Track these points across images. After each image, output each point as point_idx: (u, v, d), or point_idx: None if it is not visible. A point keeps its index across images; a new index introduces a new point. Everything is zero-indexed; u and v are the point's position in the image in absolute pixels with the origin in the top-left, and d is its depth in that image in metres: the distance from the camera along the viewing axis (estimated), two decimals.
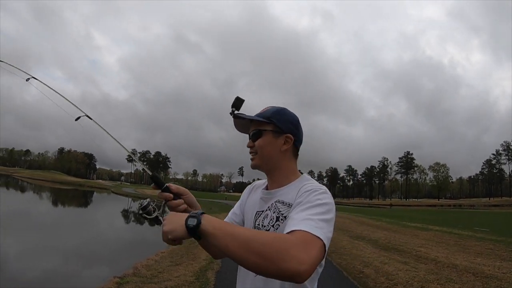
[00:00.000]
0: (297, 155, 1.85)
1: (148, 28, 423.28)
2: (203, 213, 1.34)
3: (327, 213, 1.45)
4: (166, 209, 1.69)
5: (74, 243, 18.38)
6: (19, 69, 2.15)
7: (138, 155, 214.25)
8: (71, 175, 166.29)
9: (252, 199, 1.92)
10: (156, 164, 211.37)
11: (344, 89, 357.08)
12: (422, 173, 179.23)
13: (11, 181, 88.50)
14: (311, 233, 1.30)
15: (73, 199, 59.75)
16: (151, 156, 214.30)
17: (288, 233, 1.32)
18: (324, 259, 1.48)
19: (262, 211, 1.76)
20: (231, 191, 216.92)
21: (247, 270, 1.34)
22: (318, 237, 1.31)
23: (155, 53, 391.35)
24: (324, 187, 1.59)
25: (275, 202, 1.72)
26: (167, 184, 1.72)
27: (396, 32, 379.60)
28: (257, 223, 1.75)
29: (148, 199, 1.64)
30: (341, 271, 9.92)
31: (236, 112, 1.78)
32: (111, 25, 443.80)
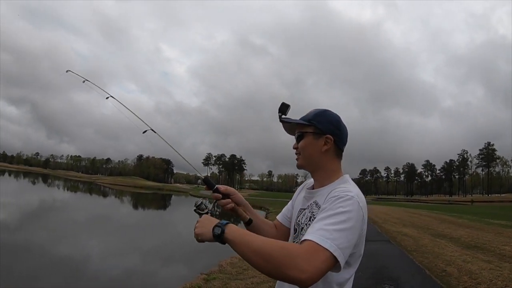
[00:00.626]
0: (341, 155, 1.90)
1: (212, 36, 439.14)
2: (228, 223, 1.56)
3: (345, 221, 1.50)
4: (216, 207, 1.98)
5: (158, 243, 18.92)
6: (101, 88, 2.57)
7: (214, 158, 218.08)
8: (150, 180, 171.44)
9: (300, 196, 2.03)
10: (231, 167, 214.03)
11: (416, 79, 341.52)
12: (504, 166, 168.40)
13: (94, 187, 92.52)
14: (319, 244, 1.40)
15: (153, 202, 61.88)
16: (226, 159, 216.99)
17: (301, 241, 1.46)
18: (357, 264, 1.70)
19: (304, 209, 1.88)
20: None
21: None
22: (326, 249, 1.40)
23: (223, 59, 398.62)
24: (354, 192, 1.63)
25: (312, 202, 1.82)
26: (216, 186, 1.99)
27: (464, 12, 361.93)
28: (298, 219, 1.89)
29: (201, 199, 1.89)
30: (424, 269, 9.65)
31: (283, 116, 1.90)
32: (177, 37, 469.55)
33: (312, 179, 1.97)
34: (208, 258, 13.58)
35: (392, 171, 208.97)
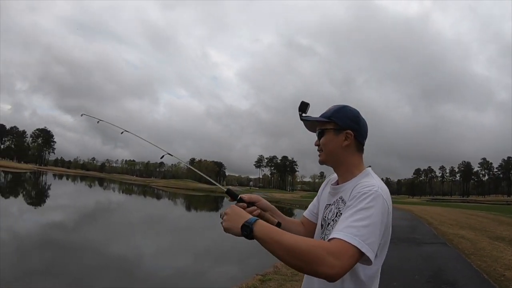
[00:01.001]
0: (362, 149, 1.94)
1: (259, 39, 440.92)
2: (256, 220, 1.59)
3: (371, 217, 1.57)
4: None
5: (211, 243, 19.06)
6: (115, 125, 2.72)
7: (265, 160, 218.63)
8: (202, 183, 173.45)
9: (325, 192, 2.08)
10: (283, 168, 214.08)
11: (468, 72, 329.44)
12: None
13: (149, 190, 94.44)
14: (347, 242, 1.48)
15: (205, 204, 62.77)
16: (278, 161, 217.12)
17: (329, 239, 1.54)
18: (384, 254, 1.77)
19: (330, 204, 1.93)
20: None
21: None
22: (353, 245, 1.48)
23: (270, 61, 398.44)
24: (377, 186, 1.69)
25: (338, 198, 1.87)
26: (240, 196, 2.00)
27: None
28: (324, 215, 1.94)
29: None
30: (482, 273, 9.29)
31: (303, 115, 1.97)
32: (224, 42, 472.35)
33: (335, 174, 2.01)
34: (261, 259, 13.59)
35: (447, 170, 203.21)
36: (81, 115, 3.12)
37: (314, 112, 1.99)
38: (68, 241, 16.61)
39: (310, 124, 2.00)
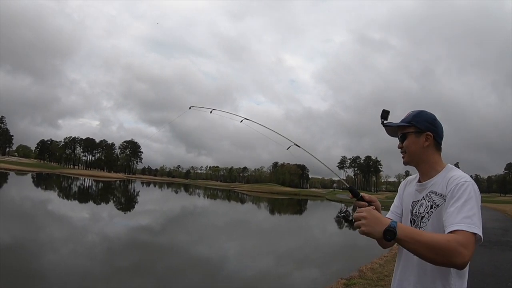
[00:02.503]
0: (440, 148, 2.17)
1: (330, 39, 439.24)
2: (396, 223, 1.76)
3: (476, 205, 1.82)
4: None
5: (294, 246, 19.11)
6: (231, 113, 2.93)
7: (349, 161, 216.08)
8: (286, 186, 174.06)
9: (408, 191, 2.29)
10: (366, 169, 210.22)
11: None
12: None
13: (233, 194, 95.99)
14: (470, 232, 1.72)
15: (289, 207, 62.78)
16: (361, 161, 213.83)
17: (452, 231, 1.75)
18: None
19: (418, 200, 2.13)
20: None
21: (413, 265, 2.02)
22: (475, 233, 1.72)
23: (344, 60, 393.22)
24: (467, 176, 1.93)
25: (428, 192, 2.07)
26: (361, 194, 2.17)
27: None
28: (414, 211, 2.14)
29: (345, 207, 2.25)
30: None
31: (385, 122, 2.20)
32: (296, 45, 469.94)
33: (413, 175, 2.31)
34: (345, 262, 13.31)
35: None
36: (190, 108, 3.24)
37: (397, 109, 2.00)
38: (154, 243, 17.29)
39: (391, 129, 2.24)
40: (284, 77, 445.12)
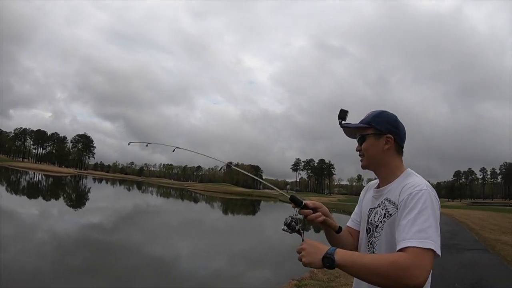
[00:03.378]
0: (401, 151, 2.03)
1: (289, 43, 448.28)
2: (335, 250, 1.66)
3: (431, 216, 1.67)
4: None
5: (247, 247, 19.22)
6: (165, 144, 3.01)
7: (302, 164, 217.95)
8: (240, 186, 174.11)
9: (367, 198, 2.16)
10: (320, 172, 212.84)
11: (506, 67, 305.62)
12: None
13: (186, 194, 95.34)
14: (423, 248, 1.56)
15: (242, 207, 62.91)
16: (315, 164, 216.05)
17: (402, 249, 1.59)
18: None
19: (374, 207, 2.00)
20: None
21: None
22: (429, 249, 1.57)
23: (303, 64, 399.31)
24: (423, 184, 1.78)
25: (383, 200, 1.93)
26: (304, 202, 2.02)
27: None
28: (370, 219, 2.01)
29: (290, 217, 1.93)
30: None
31: (343, 122, 2.04)
32: (256, 47, 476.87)
33: (374, 181, 2.15)
34: (297, 263, 13.50)
35: (489, 172, 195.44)
36: (128, 144, 3.18)
37: (351, 115, 2.07)
38: (107, 241, 17.09)
39: (350, 130, 2.09)
40: (242, 78, 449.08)
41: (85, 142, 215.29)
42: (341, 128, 2.08)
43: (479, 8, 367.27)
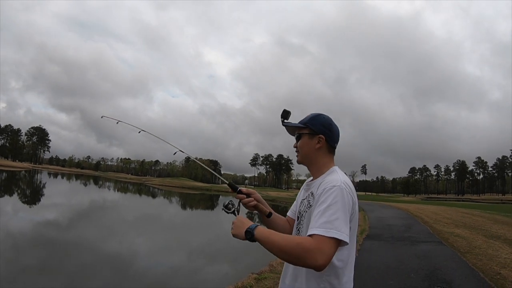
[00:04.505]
0: (333, 151, 2.27)
1: (250, 39, 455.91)
2: (257, 226, 1.95)
3: (339, 209, 1.87)
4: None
5: (206, 242, 19.22)
6: (134, 126, 3.17)
7: (261, 159, 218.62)
8: (198, 181, 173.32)
9: (302, 190, 2.40)
10: (278, 167, 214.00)
11: (461, 71, 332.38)
12: None
13: (144, 188, 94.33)
14: (325, 236, 1.79)
15: (200, 202, 62.69)
16: (274, 159, 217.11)
17: (310, 235, 1.83)
18: (354, 240, 2.04)
19: (304, 199, 2.23)
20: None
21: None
22: (331, 237, 1.79)
23: (262, 60, 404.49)
24: (340, 181, 1.99)
25: (310, 192, 2.16)
26: (239, 188, 2.42)
27: None
28: (300, 208, 2.25)
29: (228, 200, 2.35)
30: (477, 272, 9.25)
31: (285, 121, 2.31)
32: (216, 41, 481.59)
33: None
34: (256, 257, 13.61)
35: (443, 169, 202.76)
36: (101, 117, 3.46)
37: (307, 112, 2.30)
38: (62, 239, 16.71)
39: (291, 129, 2.35)
40: (202, 72, 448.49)
41: (40, 135, 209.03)
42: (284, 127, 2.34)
43: (438, 14, 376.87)
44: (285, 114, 2.32)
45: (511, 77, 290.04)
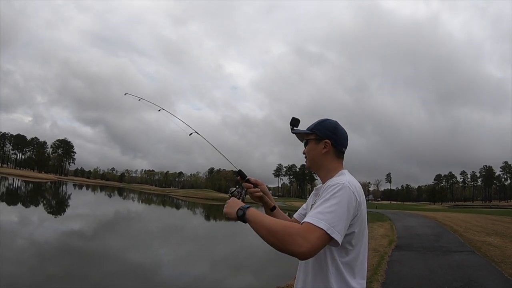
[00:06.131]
0: (341, 155, 2.26)
1: (269, 50, 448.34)
2: (249, 207, 1.95)
3: (337, 204, 1.84)
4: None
5: (229, 253, 19.12)
6: (153, 103, 3.22)
7: (284, 169, 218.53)
8: (222, 192, 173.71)
9: (312, 196, 2.36)
10: (302, 177, 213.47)
11: (482, 73, 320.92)
12: None
13: (168, 200, 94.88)
14: (314, 225, 1.76)
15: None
16: (297, 169, 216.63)
17: (301, 223, 1.82)
18: (360, 245, 2.01)
19: (313, 204, 2.12)
20: (379, 199, 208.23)
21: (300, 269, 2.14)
22: (320, 227, 1.76)
23: (282, 70, 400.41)
24: (345, 180, 1.97)
25: (319, 197, 2.05)
26: (248, 177, 2.47)
27: None
28: (308, 212, 2.11)
29: (235, 187, 2.38)
30: None
31: (295, 128, 2.37)
32: (236, 53, 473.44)
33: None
34: (281, 270, 13.39)
35: (469, 175, 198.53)
36: (125, 94, 3.58)
37: (331, 119, 2.32)
38: (86, 249, 16.81)
39: (300, 136, 2.38)
40: (223, 84, 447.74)
41: (65, 147, 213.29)
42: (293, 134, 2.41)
43: (456, 15, 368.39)
44: (294, 122, 2.38)
45: None
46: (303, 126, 2.33)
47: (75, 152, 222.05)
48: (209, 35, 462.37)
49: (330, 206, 1.83)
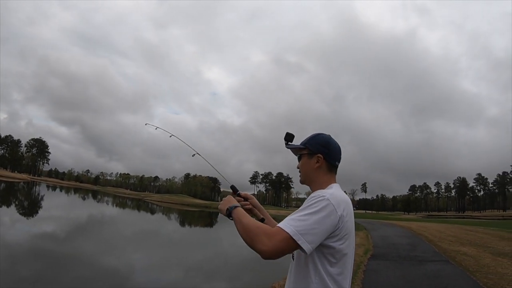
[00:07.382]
0: (333, 169, 2.29)
1: (248, 58, 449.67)
2: (237, 206, 2.16)
3: (311, 214, 1.90)
4: None
5: (206, 259, 18.98)
6: (186, 144, 3.17)
7: (261, 177, 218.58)
8: (197, 198, 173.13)
9: None
10: (278, 185, 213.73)
11: (457, 88, 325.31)
12: None
13: (143, 204, 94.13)
14: (282, 228, 1.85)
15: (200, 219, 62.44)
16: (273, 177, 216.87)
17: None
18: (345, 260, 2.03)
19: None
20: (354, 208, 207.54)
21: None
22: (285, 231, 1.84)
23: (260, 79, 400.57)
24: (328, 193, 1.99)
25: None
26: (239, 192, 2.57)
27: (500, 13, 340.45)
28: None
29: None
30: None
31: (289, 143, 2.39)
32: (215, 59, 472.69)
33: None
34: (256, 278, 13.33)
35: (443, 186, 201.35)
36: (145, 124, 3.55)
37: (307, 131, 2.59)
38: (59, 252, 16.47)
39: (294, 151, 2.43)
40: (201, 89, 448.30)
41: (39, 147, 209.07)
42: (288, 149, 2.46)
43: (433, 31, 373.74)
44: (288, 137, 2.40)
45: (508, 92, 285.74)
46: (279, 137, 2.41)
47: (50, 152, 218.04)
48: (190, 40, 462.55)
49: (304, 215, 1.89)
